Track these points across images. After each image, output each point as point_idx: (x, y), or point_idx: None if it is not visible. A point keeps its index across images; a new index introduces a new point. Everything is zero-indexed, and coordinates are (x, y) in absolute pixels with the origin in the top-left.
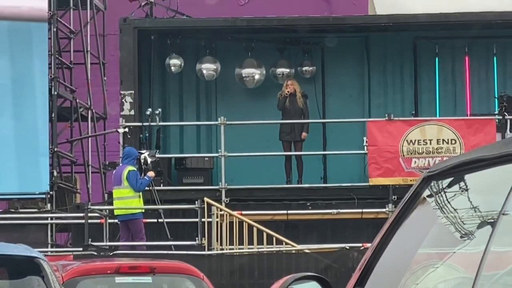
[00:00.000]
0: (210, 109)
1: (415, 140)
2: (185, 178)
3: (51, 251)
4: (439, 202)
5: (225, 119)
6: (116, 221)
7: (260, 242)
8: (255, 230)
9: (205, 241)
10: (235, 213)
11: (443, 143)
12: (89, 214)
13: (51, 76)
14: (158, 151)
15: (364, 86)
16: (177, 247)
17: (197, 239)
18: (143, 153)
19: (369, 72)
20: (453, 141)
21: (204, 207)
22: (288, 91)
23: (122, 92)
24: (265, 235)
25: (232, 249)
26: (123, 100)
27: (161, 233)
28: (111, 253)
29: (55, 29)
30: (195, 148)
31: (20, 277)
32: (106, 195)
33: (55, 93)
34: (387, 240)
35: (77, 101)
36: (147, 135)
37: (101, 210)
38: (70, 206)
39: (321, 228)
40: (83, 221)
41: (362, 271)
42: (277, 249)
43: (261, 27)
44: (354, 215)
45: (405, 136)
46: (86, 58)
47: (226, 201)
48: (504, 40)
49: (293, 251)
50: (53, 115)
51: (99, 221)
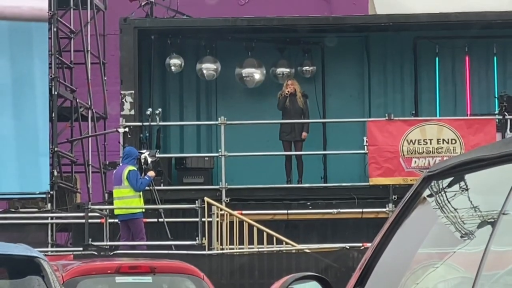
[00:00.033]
0: (210, 109)
1: (415, 140)
2: (185, 178)
3: (51, 251)
4: (439, 202)
5: (225, 119)
6: (116, 220)
7: (260, 242)
8: (255, 229)
9: (205, 241)
10: (235, 212)
11: (443, 143)
12: (89, 214)
13: (51, 76)
14: (158, 150)
15: (364, 86)
16: (178, 247)
17: (197, 238)
18: (143, 153)
19: (369, 72)
20: (453, 141)
21: (204, 206)
22: (288, 91)
23: (122, 92)
24: (265, 234)
25: (233, 248)
26: (123, 100)
27: (161, 233)
28: (111, 253)
29: (55, 29)
30: (195, 148)
31: (20, 277)
32: (106, 195)
33: (56, 93)
34: (387, 239)
35: (77, 101)
36: (147, 135)
37: (101, 210)
38: (71, 205)
39: (321, 228)
40: (83, 220)
41: (362, 270)
42: (278, 249)
43: (261, 27)
44: (354, 214)
45: (405, 136)
46: (87, 58)
47: (227, 200)
48: (504, 40)
49: (293, 251)
50: (53, 115)
51: (99, 220)
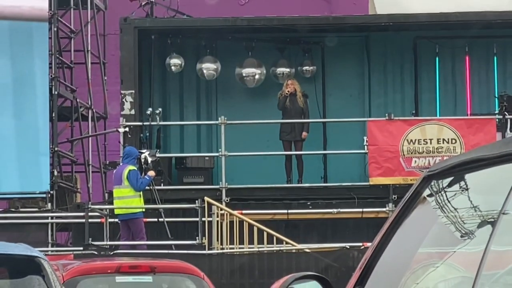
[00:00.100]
0: (211, 109)
1: (415, 140)
2: (185, 178)
3: (52, 251)
4: (440, 202)
5: (225, 118)
6: (116, 220)
7: (260, 242)
8: (255, 229)
9: (205, 241)
10: (235, 212)
11: (443, 143)
12: (90, 214)
13: (51, 76)
14: (158, 150)
15: (365, 85)
16: (178, 247)
17: (197, 238)
18: (143, 153)
19: (369, 71)
20: (453, 141)
21: (204, 206)
22: (288, 91)
23: (122, 92)
24: (265, 234)
25: (233, 248)
26: (123, 100)
27: (161, 232)
28: (112, 253)
29: (55, 29)
30: (196, 147)
31: (20, 277)
32: (106, 195)
33: (56, 92)
34: (387, 239)
35: (78, 100)
36: (147, 134)
37: (101, 209)
38: (71, 205)
39: (321, 228)
40: (83, 220)
41: (362, 270)
42: (278, 248)
43: (261, 27)
44: (354, 214)
45: (405, 135)
46: (87, 58)
47: (227, 200)
48: (504, 40)
49: (294, 251)
50: (53, 115)
51: (99, 220)
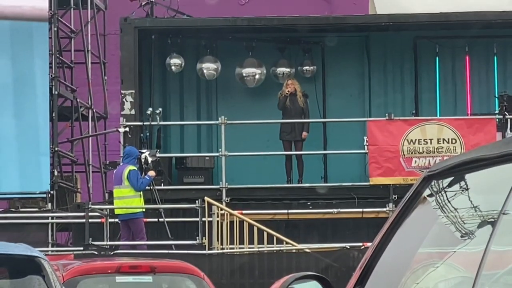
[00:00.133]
0: (211, 109)
1: (415, 140)
2: (185, 178)
3: (52, 251)
4: (440, 202)
5: (225, 118)
6: (116, 220)
7: (260, 242)
8: (255, 229)
9: (205, 241)
10: (235, 212)
11: (443, 143)
12: (90, 214)
13: (51, 76)
14: (158, 150)
15: (365, 85)
16: (178, 247)
17: (197, 238)
18: (143, 153)
19: (369, 71)
20: (454, 141)
21: (204, 206)
22: (288, 91)
23: (122, 92)
24: (265, 234)
25: (233, 248)
26: (123, 100)
27: (161, 232)
28: (112, 253)
29: (56, 29)
30: (196, 147)
31: (20, 277)
32: (106, 195)
33: (56, 92)
34: (387, 239)
35: (78, 100)
36: (147, 134)
37: (101, 209)
38: (71, 205)
39: (321, 228)
40: (83, 220)
41: (362, 270)
42: (278, 248)
43: (261, 27)
44: (354, 214)
45: (405, 135)
46: (87, 58)
47: (227, 200)
48: (504, 40)
49: (294, 251)
50: (53, 115)
51: (99, 220)
